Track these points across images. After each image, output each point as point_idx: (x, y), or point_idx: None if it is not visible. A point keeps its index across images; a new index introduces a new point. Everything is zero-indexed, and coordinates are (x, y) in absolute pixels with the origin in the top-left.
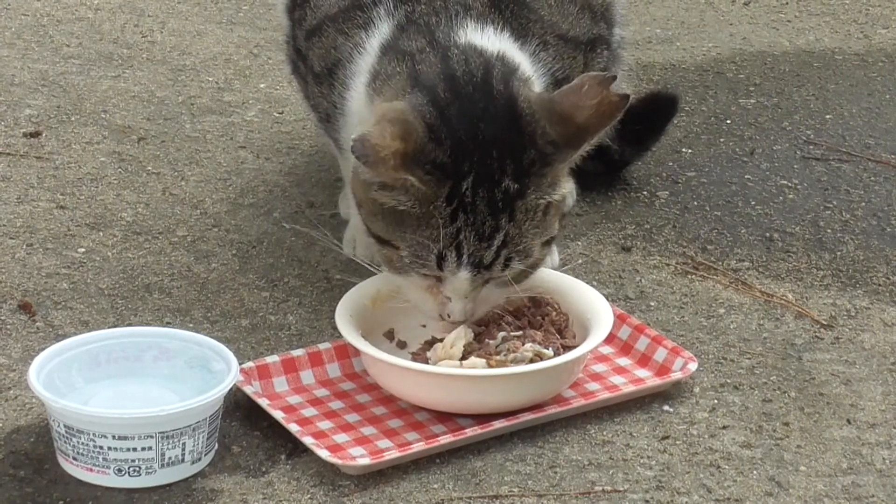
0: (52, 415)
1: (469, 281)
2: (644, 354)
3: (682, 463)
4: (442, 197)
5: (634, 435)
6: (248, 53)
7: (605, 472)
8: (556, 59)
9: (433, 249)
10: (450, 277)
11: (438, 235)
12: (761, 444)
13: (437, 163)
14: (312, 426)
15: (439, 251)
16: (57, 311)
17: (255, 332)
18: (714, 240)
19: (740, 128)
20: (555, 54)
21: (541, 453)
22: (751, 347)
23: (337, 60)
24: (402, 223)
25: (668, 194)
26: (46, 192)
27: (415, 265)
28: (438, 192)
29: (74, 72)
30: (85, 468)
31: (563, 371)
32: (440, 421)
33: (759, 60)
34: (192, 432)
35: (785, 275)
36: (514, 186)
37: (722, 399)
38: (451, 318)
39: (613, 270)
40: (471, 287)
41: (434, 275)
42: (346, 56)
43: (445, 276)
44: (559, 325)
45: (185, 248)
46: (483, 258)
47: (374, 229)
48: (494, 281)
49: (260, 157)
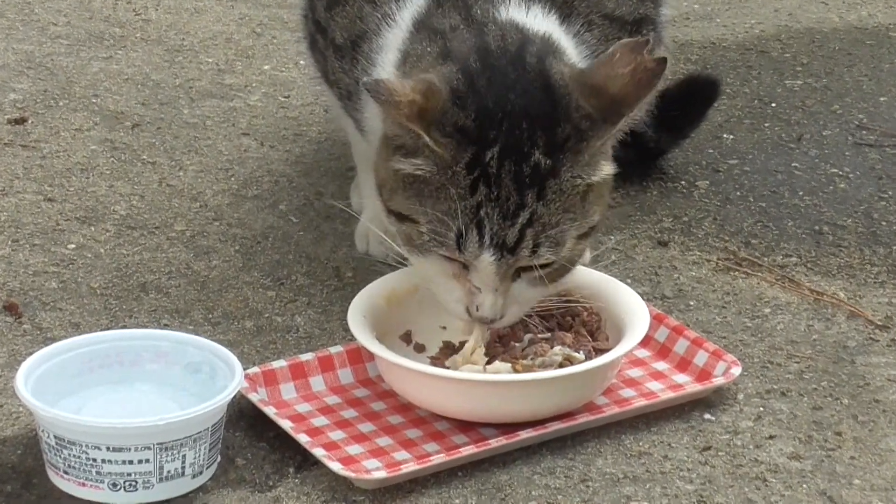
0: (42, 424)
1: (494, 266)
2: (683, 358)
3: (724, 476)
4: (462, 163)
5: (673, 446)
6: (251, 32)
7: (642, 486)
8: (600, 40)
9: (452, 226)
10: (473, 263)
11: (457, 209)
12: (811, 455)
13: (458, 126)
14: (323, 436)
15: (458, 228)
16: (45, 313)
17: (260, 335)
18: (758, 233)
19: (786, 111)
20: (599, 35)
21: (571, 466)
22: (799, 350)
23: (362, 32)
24: (422, 194)
25: (709, 184)
26: (33, 183)
27: (434, 243)
28: (458, 157)
29: (62, 53)
30: (77, 482)
31: (595, 376)
32: (462, 431)
33: (806, 38)
34: (193, 443)
35: (836, 271)
36: (546, 162)
37: (768, 406)
38: (480, 313)
39: (649, 267)
40: (498, 275)
41: (456, 258)
42: (373, 28)
43: (468, 261)
44: (591, 326)
45: (184, 243)
46: (507, 238)
47: (394, 205)
48: (526, 277)
49: (264, 144)
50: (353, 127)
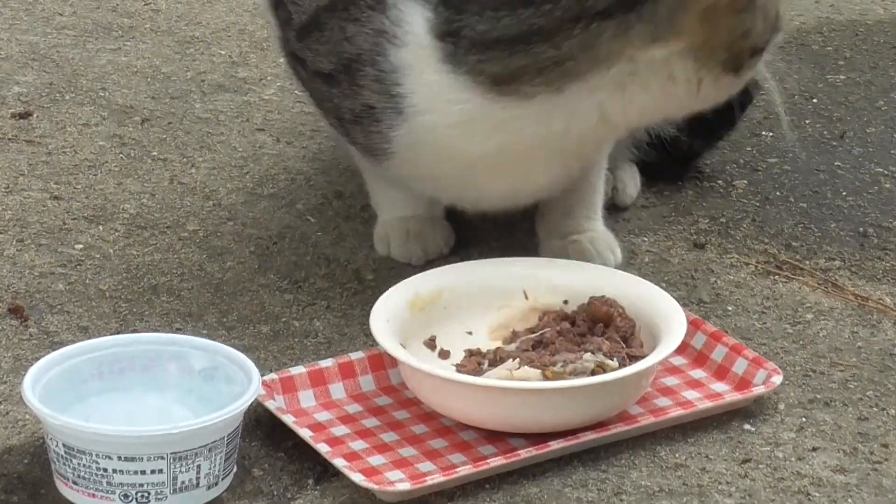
0: (50, 433)
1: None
2: (721, 366)
3: (765, 490)
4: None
5: (711, 458)
6: (266, 23)
7: (678, 499)
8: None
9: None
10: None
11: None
12: (857, 468)
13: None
14: (344, 446)
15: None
16: (52, 316)
17: (277, 340)
18: (800, 235)
19: (828, 108)
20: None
21: (604, 478)
22: (843, 358)
23: (356, 54)
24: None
25: (747, 183)
26: (38, 180)
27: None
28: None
29: (68, 44)
30: (87, 493)
31: (629, 385)
32: (490, 441)
33: (849, 31)
34: (209, 453)
35: (881, 275)
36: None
37: (811, 417)
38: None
39: (685, 270)
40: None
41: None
42: (368, 48)
43: None
44: (624, 332)
45: (197, 244)
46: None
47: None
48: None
49: (280, 140)
50: (361, 155)
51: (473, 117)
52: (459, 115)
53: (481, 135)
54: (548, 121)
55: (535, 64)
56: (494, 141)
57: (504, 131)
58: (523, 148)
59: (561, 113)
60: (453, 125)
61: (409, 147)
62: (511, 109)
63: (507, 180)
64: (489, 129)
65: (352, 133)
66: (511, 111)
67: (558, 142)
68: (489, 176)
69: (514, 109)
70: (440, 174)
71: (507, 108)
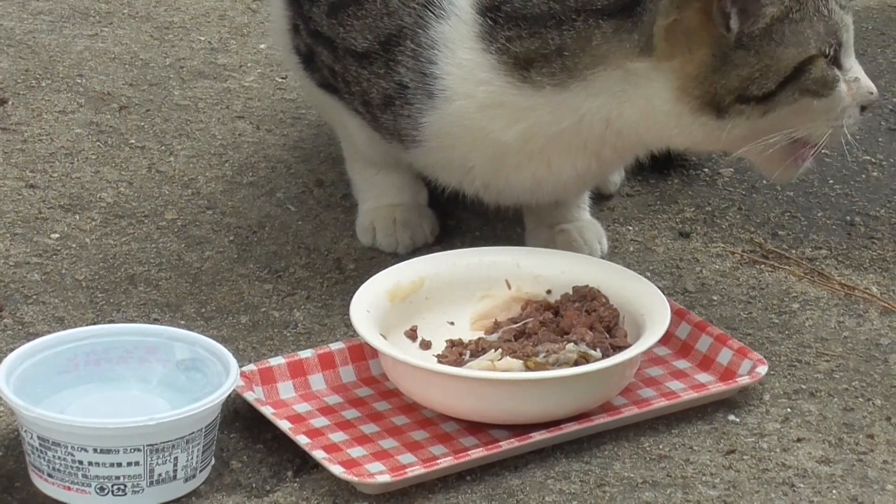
0: (24, 425)
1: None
2: (706, 356)
3: (750, 481)
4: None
5: (695, 449)
6: (246, 9)
7: (662, 491)
8: None
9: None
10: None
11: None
12: (842, 459)
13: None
14: (324, 438)
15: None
16: (27, 306)
17: (256, 331)
18: (786, 224)
19: None
20: None
21: (587, 470)
22: (829, 348)
23: (397, 29)
24: (802, 32)
25: (733, 172)
26: (14, 168)
27: (835, 65)
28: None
29: (45, 30)
30: (62, 486)
31: (612, 375)
32: (471, 433)
33: None
34: (186, 445)
35: (868, 264)
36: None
37: (796, 407)
38: (875, 94)
39: (670, 259)
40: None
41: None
42: (411, 23)
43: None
44: (608, 321)
45: (175, 233)
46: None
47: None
48: None
49: (260, 128)
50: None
51: (497, 101)
52: (485, 96)
53: (504, 120)
54: (558, 116)
55: (542, 48)
56: (515, 129)
57: (523, 120)
58: (543, 140)
59: (568, 110)
60: (479, 108)
61: (437, 132)
62: (526, 97)
63: (530, 172)
64: (511, 116)
65: (380, 118)
66: (526, 99)
67: (572, 140)
68: (514, 166)
69: (529, 98)
70: (468, 162)
71: (523, 96)
